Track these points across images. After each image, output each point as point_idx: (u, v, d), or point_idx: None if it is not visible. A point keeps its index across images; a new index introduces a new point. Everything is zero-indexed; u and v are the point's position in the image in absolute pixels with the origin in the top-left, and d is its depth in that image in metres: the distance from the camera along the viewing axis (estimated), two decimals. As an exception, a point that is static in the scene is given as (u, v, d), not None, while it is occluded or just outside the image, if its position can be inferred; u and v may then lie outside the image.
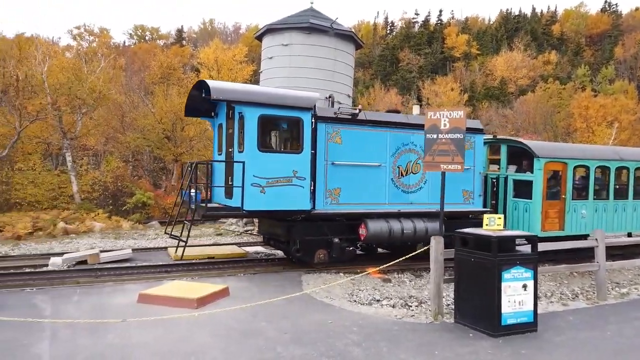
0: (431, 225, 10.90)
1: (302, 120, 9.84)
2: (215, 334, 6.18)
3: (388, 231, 10.49)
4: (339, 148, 10.40)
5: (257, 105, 9.51)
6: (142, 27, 72.35)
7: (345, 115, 10.61)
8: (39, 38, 31.83)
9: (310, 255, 10.36)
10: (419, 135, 11.05)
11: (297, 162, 9.78)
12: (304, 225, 10.28)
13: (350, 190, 10.52)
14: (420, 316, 7.44)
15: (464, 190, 11.74)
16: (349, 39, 20.49)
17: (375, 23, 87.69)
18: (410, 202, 11.22)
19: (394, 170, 11.02)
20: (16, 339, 5.83)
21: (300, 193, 9.78)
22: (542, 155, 11.74)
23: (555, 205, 12.12)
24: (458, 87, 57.98)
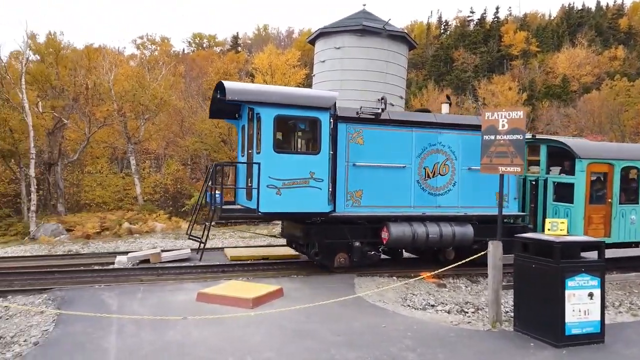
0: (459, 230, 10.42)
1: (320, 121, 9.59)
2: (270, 334, 6.30)
3: (411, 235, 10.08)
4: (361, 149, 10.12)
5: (272, 106, 9.35)
6: (200, 35, 74.94)
7: (368, 114, 10.26)
8: (106, 48, 33.77)
9: (330, 259, 10.11)
10: (447, 135, 10.75)
11: (315, 163, 9.54)
12: (323, 228, 10.06)
13: (373, 193, 10.20)
14: (477, 323, 7.24)
15: (497, 192, 11.12)
16: (402, 40, 20.27)
17: (429, 23, 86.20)
18: (437, 205, 10.75)
19: (420, 171, 10.60)
20: (87, 332, 6.21)
21: (318, 195, 9.53)
22: (585, 156, 10.93)
23: (600, 209, 11.26)
24: (516, 86, 55.82)
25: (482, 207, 10.91)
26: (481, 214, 10.88)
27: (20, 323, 6.80)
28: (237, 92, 9.49)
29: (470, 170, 10.87)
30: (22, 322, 6.83)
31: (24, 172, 24.62)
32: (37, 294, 8.31)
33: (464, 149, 10.89)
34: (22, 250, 14.74)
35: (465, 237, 10.47)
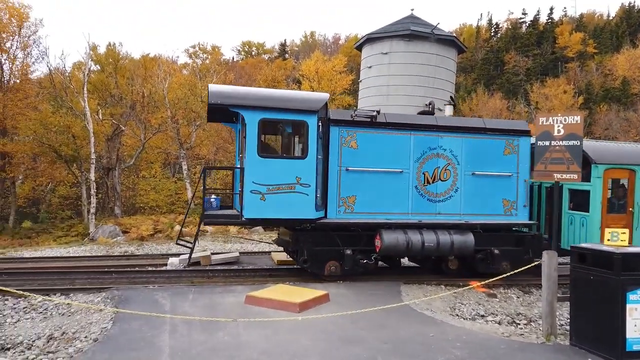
0: (458, 239, 9.91)
1: (307, 124, 9.23)
2: (316, 339, 6.34)
3: (405, 243, 9.64)
4: (355, 153, 9.78)
5: (257, 109, 9.08)
6: (249, 43, 76.61)
7: (362, 117, 9.91)
8: (161, 58, 35.20)
9: (320, 267, 9.79)
10: (449, 138, 10.27)
11: (301, 168, 9.20)
12: (313, 235, 9.76)
13: (367, 199, 9.84)
14: (530, 335, 6.98)
15: (504, 199, 10.54)
16: (451, 44, 19.96)
17: (479, 26, 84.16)
18: (437, 212, 10.25)
19: (419, 177, 10.14)
20: (142, 331, 6.48)
21: (304, 201, 9.18)
22: (601, 161, 10.16)
23: (619, 219, 10.36)
24: (572, 89, 53.51)
25: (487, 215, 10.41)
26: (486, 222, 10.39)
27: (81, 320, 7.18)
28: (220, 96, 9.32)
29: (475, 176, 10.39)
30: (82, 319, 7.21)
31: (84, 176, 26.04)
32: (97, 292, 8.75)
33: (467, 153, 10.38)
34: (82, 251, 15.56)
35: (465, 246, 9.96)
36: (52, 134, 25.76)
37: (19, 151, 27.52)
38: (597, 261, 6.16)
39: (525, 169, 10.65)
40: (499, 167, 10.47)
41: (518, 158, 10.59)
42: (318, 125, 9.34)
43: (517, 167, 10.58)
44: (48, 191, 31.42)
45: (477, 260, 10.41)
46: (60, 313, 7.81)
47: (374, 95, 19.55)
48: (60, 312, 7.84)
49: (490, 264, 10.33)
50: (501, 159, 10.48)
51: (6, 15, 29.12)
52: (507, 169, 10.47)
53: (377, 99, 19.35)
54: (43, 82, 33.33)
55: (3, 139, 27.54)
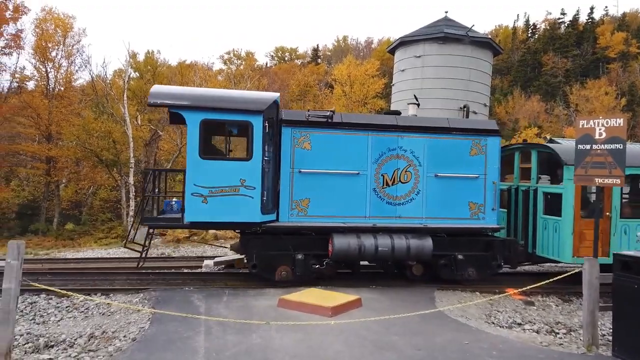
0: (415, 243, 9.52)
1: (252, 125, 8.91)
2: (349, 344, 6.32)
3: (358, 248, 9.29)
4: (308, 154, 9.49)
5: (198, 110, 8.82)
6: (282, 49, 77.43)
7: (316, 118, 9.60)
8: (197, 64, 36.02)
9: (271, 272, 9.51)
10: (409, 138, 9.86)
11: (246, 170, 8.88)
12: (263, 239, 9.50)
13: (321, 202, 9.53)
14: (570, 345, 6.76)
15: (471, 202, 10.08)
16: (486, 46, 19.63)
17: (515, 27, 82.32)
18: (398, 215, 9.86)
19: (377, 179, 9.76)
20: (178, 332, 6.63)
21: (249, 204, 8.85)
22: (573, 162, 9.75)
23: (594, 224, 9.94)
24: (614, 91, 51.61)
25: (452, 219, 9.98)
26: (450, 226, 9.94)
27: (120, 320, 7.41)
28: (160, 96, 9.10)
29: (438, 178, 9.97)
30: (122, 319, 7.43)
31: (124, 180, 26.88)
32: (135, 293, 9.01)
33: (430, 154, 9.97)
34: (121, 252, 16.06)
35: (422, 251, 9.58)
36: (94, 139, 26.77)
37: (63, 156, 28.74)
38: (642, 269, 5.91)
39: (494, 170, 10.18)
40: (465, 168, 10.03)
41: (486, 159, 10.12)
42: (264, 126, 9.03)
43: (485, 169, 10.11)
44: (90, 194, 32.61)
45: (440, 266, 10.01)
46: (100, 312, 8.08)
47: (406, 99, 19.41)
48: (100, 312, 8.11)
49: (454, 270, 9.92)
50: (467, 160, 10.05)
51: (52, 25, 30.50)
52: (473, 171, 10.03)
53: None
54: (86, 89, 34.74)
55: (48, 144, 28.79)
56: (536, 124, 48.99)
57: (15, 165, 31.35)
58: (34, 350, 6.29)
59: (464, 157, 10.05)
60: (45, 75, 30.90)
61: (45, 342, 6.52)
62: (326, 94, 39.13)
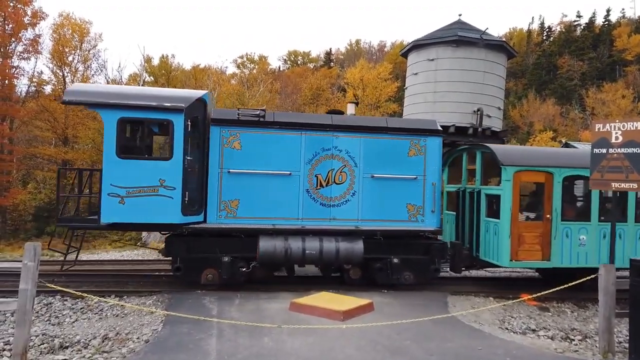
0: (345, 246, 9.27)
1: (172, 123, 8.69)
2: (361, 348, 6.29)
3: (284, 251, 9.08)
4: (238, 154, 9.27)
5: (115, 108, 8.57)
6: (295, 52, 77.76)
7: (247, 117, 9.37)
8: (210, 68, 36.33)
9: (196, 276, 9.24)
10: (345, 138, 9.63)
11: (165, 169, 8.65)
12: (188, 241, 9.22)
13: (251, 203, 9.30)
14: (585, 352, 6.65)
15: (409, 204, 9.80)
16: (500, 49, 19.49)
17: (530, 30, 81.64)
18: (332, 217, 9.59)
19: (311, 179, 9.51)
20: (190, 334, 6.67)
21: (168, 205, 8.60)
22: (510, 163, 9.44)
23: (535, 227, 9.61)
24: (631, 94, 50.86)
25: (389, 221, 9.71)
26: (386, 229, 9.66)
27: (134, 321, 7.48)
28: (75, 94, 8.92)
29: (374, 179, 9.72)
30: (135, 321, 7.50)
31: (137, 183, 27.09)
32: (148, 295, 9.08)
33: (366, 155, 9.73)
34: (135, 255, 16.23)
35: (352, 254, 9.35)
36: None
37: (78, 159, 29.12)
38: (660, 276, 5.81)
39: (434, 171, 9.92)
40: (403, 169, 9.78)
41: (425, 159, 9.86)
42: (187, 125, 8.80)
43: (424, 170, 9.86)
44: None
45: (375, 269, 9.76)
46: (114, 314, 8.17)
47: (420, 102, 19.33)
48: (114, 314, 8.19)
49: (390, 274, 9.69)
50: (405, 160, 9.80)
51: (69, 31, 31.01)
52: (412, 172, 9.78)
53: (423, 106, 19.11)
54: (101, 93, 35.12)
55: (64, 147, 29.22)
56: (551, 127, 48.45)
57: (32, 168, 31.89)
58: (49, 351, 6.37)
59: (402, 158, 9.81)
60: (62, 79, 31.45)
61: (60, 343, 6.60)
62: (339, 98, 39.17)
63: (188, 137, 8.91)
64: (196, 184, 9.19)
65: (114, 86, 10.40)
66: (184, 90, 10.32)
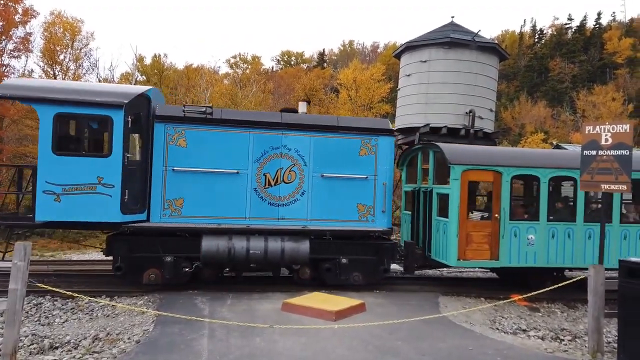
0: (290, 246, 9.18)
1: (112, 119, 8.48)
2: (352, 348, 6.31)
3: (227, 250, 8.96)
4: (183, 152, 9.14)
5: (52, 103, 8.35)
6: (288, 53, 77.67)
7: (194, 113, 9.21)
8: (203, 68, 36.22)
9: (138, 275, 9.09)
10: (294, 137, 9.57)
11: (104, 167, 8.43)
12: (130, 240, 9.03)
13: (197, 202, 9.18)
14: (575, 352, 6.72)
15: (359, 204, 9.73)
16: (492, 51, 19.62)
17: (522, 32, 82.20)
18: (280, 217, 9.52)
19: (259, 178, 9.43)
20: (181, 334, 6.64)
21: (107, 203, 8.39)
22: (457, 162, 9.42)
23: (483, 226, 9.58)
24: (621, 97, 51.39)
25: (339, 221, 9.64)
26: (335, 228, 9.56)
27: (125, 322, 7.43)
28: (10, 88, 8.73)
29: (324, 178, 9.65)
30: (126, 321, 7.46)
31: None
32: (140, 295, 9.03)
33: (316, 154, 9.65)
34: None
35: (298, 254, 9.26)
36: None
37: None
38: (648, 276, 5.87)
39: (385, 170, 9.85)
40: (354, 168, 9.73)
41: (376, 159, 9.79)
42: (127, 121, 8.60)
43: (375, 169, 9.79)
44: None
45: (324, 270, 9.67)
46: (105, 314, 8.12)
47: (412, 103, 19.41)
48: (105, 314, 8.14)
49: (339, 274, 9.61)
50: (356, 160, 9.74)
51: (60, 29, 30.77)
52: (362, 171, 9.72)
53: (416, 107, 19.20)
54: (93, 92, 34.90)
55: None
56: (542, 129, 48.83)
57: (22, 167, 31.54)
58: (39, 351, 6.32)
59: (353, 157, 9.74)
60: (54, 78, 31.19)
61: (50, 343, 6.55)
62: (332, 99, 39.21)
63: (129, 133, 8.73)
64: (138, 182, 8.99)
65: (51, 81, 10.13)
66: (126, 86, 10.04)
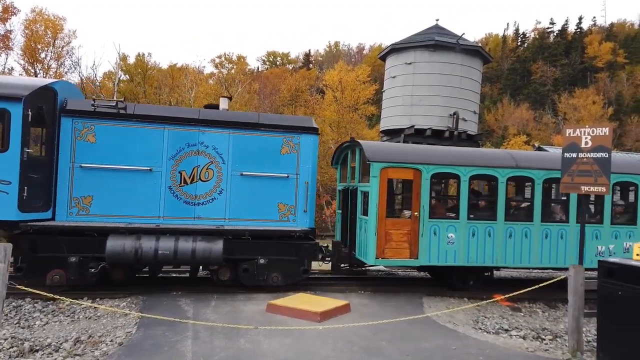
0: (202, 246, 8.84)
1: (9, 113, 8.10)
2: (337, 349, 6.33)
3: (134, 251, 8.59)
4: (92, 148, 8.83)
5: None
6: (274, 53, 77.58)
7: (104, 108, 8.90)
8: (188, 68, 35.96)
9: (41, 276, 8.64)
10: (212, 134, 9.35)
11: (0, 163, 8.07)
12: (32, 239, 8.60)
13: (107, 200, 8.88)
14: (555, 351, 6.83)
15: (280, 203, 9.57)
16: (476, 54, 19.86)
17: (505, 35, 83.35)
18: (196, 216, 9.28)
19: (174, 176, 9.17)
20: (165, 336, 6.59)
21: (2, 200, 8.04)
22: (377, 159, 9.31)
23: (403, 224, 9.51)
24: (601, 100, 52.42)
25: (259, 220, 9.45)
26: (254, 228, 9.33)
27: (107, 324, 7.34)
28: None
29: (244, 177, 9.45)
30: (108, 323, 7.37)
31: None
32: (123, 297, 8.92)
33: (235, 152, 9.44)
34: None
35: (210, 254, 8.89)
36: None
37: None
38: (626, 276, 6.00)
39: (308, 169, 9.67)
40: (275, 167, 9.54)
41: (298, 158, 9.61)
42: (26, 115, 8.23)
43: (297, 168, 9.60)
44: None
45: (242, 270, 9.42)
46: (87, 317, 8.00)
47: (397, 105, 19.55)
48: (87, 316, 8.02)
49: (256, 275, 9.39)
50: (277, 158, 9.57)
51: (42, 27, 30.27)
52: (284, 170, 9.55)
53: (401, 109, 19.34)
54: (75, 91, 34.41)
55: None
56: (525, 131, 49.53)
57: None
58: (19, 354, 6.21)
59: (273, 155, 9.57)
60: (34, 76, 30.67)
61: (30, 346, 6.44)
62: (317, 100, 39.24)
63: (29, 128, 8.37)
64: (42, 178, 8.66)
65: None
66: (30, 78, 9.79)
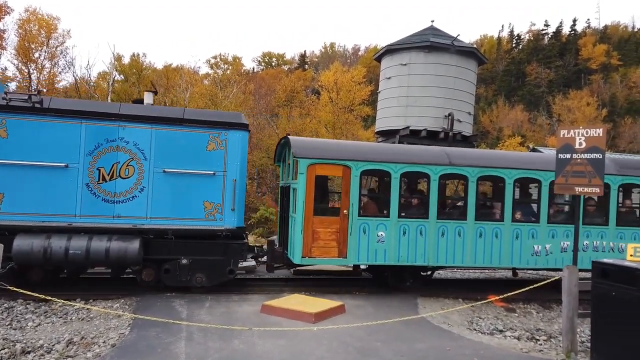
0: (117, 246, 8.54)
1: None
2: (332, 350, 6.31)
3: (42, 250, 8.30)
4: (3, 143, 8.53)
5: None
6: (270, 54, 77.47)
7: (17, 101, 8.63)
8: (183, 68, 35.87)
9: None
10: (133, 129, 9.04)
11: None
12: None
13: (19, 197, 8.56)
14: (549, 352, 6.84)
15: (206, 202, 9.25)
16: (471, 55, 19.92)
17: (500, 37, 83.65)
18: (116, 215, 8.94)
19: (92, 173, 8.84)
20: (159, 337, 6.55)
21: None
22: (304, 155, 9.07)
23: (332, 223, 9.24)
24: (595, 102, 52.73)
25: (183, 219, 9.15)
26: (180, 227, 9.09)
27: (100, 325, 7.29)
28: None
29: (167, 174, 9.12)
30: (101, 325, 7.32)
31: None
32: (116, 299, 8.87)
33: (158, 148, 9.13)
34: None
35: (126, 254, 8.60)
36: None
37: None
38: (620, 277, 6.01)
39: (236, 167, 9.39)
40: (200, 164, 9.23)
41: (226, 154, 9.32)
42: None
43: (225, 165, 9.31)
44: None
45: (164, 271, 9.20)
46: (79, 318, 7.94)
47: (392, 106, 19.57)
48: (79, 317, 7.97)
49: (179, 275, 9.16)
50: (204, 155, 9.25)
51: (35, 26, 30.10)
52: (210, 167, 9.25)
53: (396, 110, 19.36)
54: (69, 91, 34.25)
55: None
56: (520, 133, 49.73)
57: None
58: (10, 356, 6.15)
59: (199, 152, 9.26)
60: (28, 76, 30.48)
61: (22, 347, 6.38)
62: (313, 101, 39.23)
63: None
64: None
65: None
66: None
